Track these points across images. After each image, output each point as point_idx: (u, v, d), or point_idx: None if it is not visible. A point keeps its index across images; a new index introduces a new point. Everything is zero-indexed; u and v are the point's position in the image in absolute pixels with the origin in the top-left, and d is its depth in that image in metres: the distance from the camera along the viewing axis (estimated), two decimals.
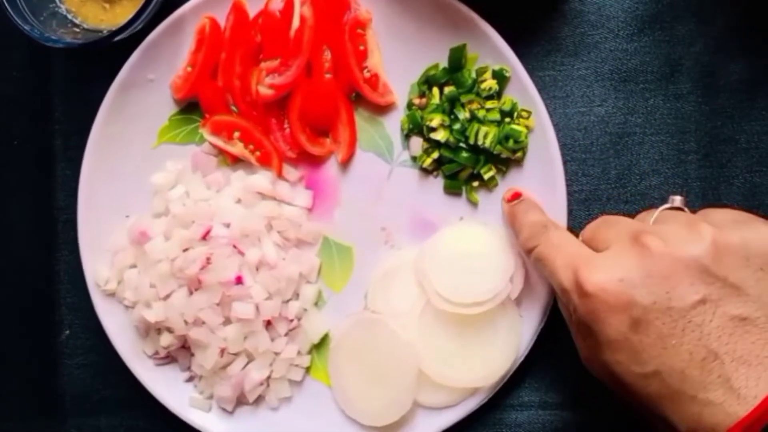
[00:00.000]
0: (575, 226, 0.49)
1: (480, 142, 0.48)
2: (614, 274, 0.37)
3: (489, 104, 0.49)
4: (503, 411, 0.51)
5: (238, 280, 0.47)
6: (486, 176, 0.49)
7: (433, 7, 0.49)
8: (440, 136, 0.49)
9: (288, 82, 0.50)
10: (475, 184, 0.50)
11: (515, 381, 0.50)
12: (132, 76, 0.51)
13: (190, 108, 0.53)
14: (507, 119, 0.49)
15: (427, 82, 0.50)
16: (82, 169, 0.52)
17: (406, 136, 0.51)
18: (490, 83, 0.49)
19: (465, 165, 0.49)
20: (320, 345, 0.51)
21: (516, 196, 0.47)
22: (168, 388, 0.51)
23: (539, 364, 0.50)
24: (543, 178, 0.49)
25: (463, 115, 0.49)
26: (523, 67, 0.48)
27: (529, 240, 0.44)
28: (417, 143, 0.50)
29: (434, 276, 0.47)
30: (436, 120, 0.49)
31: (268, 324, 0.50)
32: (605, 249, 0.40)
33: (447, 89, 0.50)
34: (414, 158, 0.51)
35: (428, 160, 0.50)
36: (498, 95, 0.49)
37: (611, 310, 0.37)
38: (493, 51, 0.49)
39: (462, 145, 0.49)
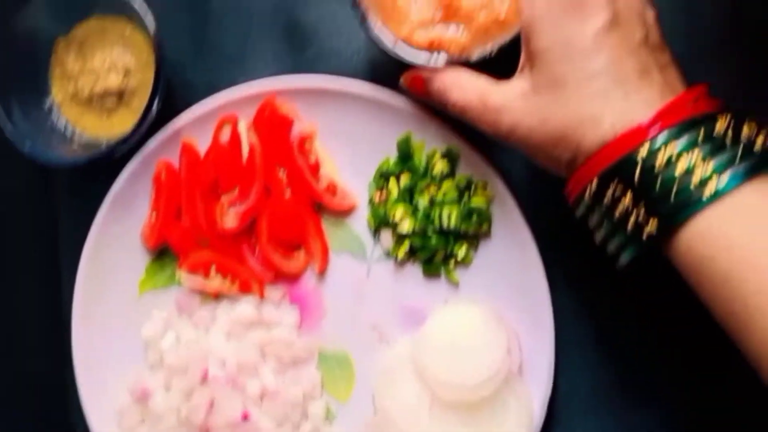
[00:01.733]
0: (555, 288, 0.49)
1: (445, 224, 0.49)
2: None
3: (445, 185, 0.50)
4: None
5: (245, 417, 0.48)
6: (460, 255, 0.50)
7: (372, 107, 0.50)
8: (406, 226, 0.50)
9: (250, 209, 0.51)
10: (452, 264, 0.51)
11: None
12: (101, 236, 0.53)
13: (164, 252, 0.54)
14: (466, 194, 0.50)
15: (383, 176, 0.52)
16: (72, 337, 0.53)
17: (375, 232, 0.52)
18: (441, 165, 0.50)
19: (437, 249, 0.50)
20: None
21: (417, 81, 0.46)
22: None
23: None
24: (514, 245, 0.49)
25: (423, 201, 0.50)
26: (468, 142, 0.50)
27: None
28: (387, 237, 0.51)
29: (433, 367, 0.48)
30: (398, 213, 0.50)
31: None
32: None
33: (403, 180, 0.51)
34: (387, 252, 0.52)
35: (401, 251, 0.51)
36: (452, 174, 0.50)
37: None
38: (436, 134, 0.50)
39: (429, 230, 0.50)
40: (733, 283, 0.35)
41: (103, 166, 0.53)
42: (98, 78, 0.52)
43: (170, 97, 0.54)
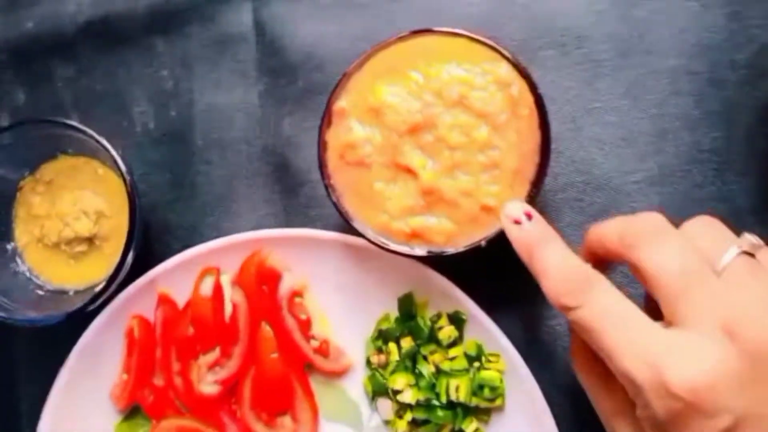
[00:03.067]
0: None
1: (453, 397, 0.44)
2: (705, 374, 0.32)
3: (452, 352, 0.45)
4: None
5: None
6: (469, 430, 0.45)
7: (370, 258, 0.45)
8: (409, 397, 0.44)
9: (232, 374, 0.46)
10: None
11: None
12: (65, 393, 0.47)
13: (135, 411, 0.48)
14: (476, 363, 0.45)
15: (382, 336, 0.46)
16: None
17: (373, 399, 0.46)
18: (448, 331, 0.45)
19: (443, 423, 0.45)
20: None
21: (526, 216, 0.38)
22: None
23: None
24: (529, 418, 0.44)
25: (427, 370, 0.45)
26: (478, 307, 0.44)
27: (565, 297, 0.35)
28: (386, 406, 0.46)
29: None
30: (400, 382, 0.45)
31: None
32: (672, 308, 0.34)
33: (404, 343, 0.45)
34: (386, 422, 0.46)
35: (402, 424, 0.45)
36: (460, 339, 0.45)
37: (701, 415, 0.32)
38: (442, 295, 0.45)
39: (435, 402, 0.44)
40: None
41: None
42: (67, 223, 0.47)
43: (148, 240, 0.49)
